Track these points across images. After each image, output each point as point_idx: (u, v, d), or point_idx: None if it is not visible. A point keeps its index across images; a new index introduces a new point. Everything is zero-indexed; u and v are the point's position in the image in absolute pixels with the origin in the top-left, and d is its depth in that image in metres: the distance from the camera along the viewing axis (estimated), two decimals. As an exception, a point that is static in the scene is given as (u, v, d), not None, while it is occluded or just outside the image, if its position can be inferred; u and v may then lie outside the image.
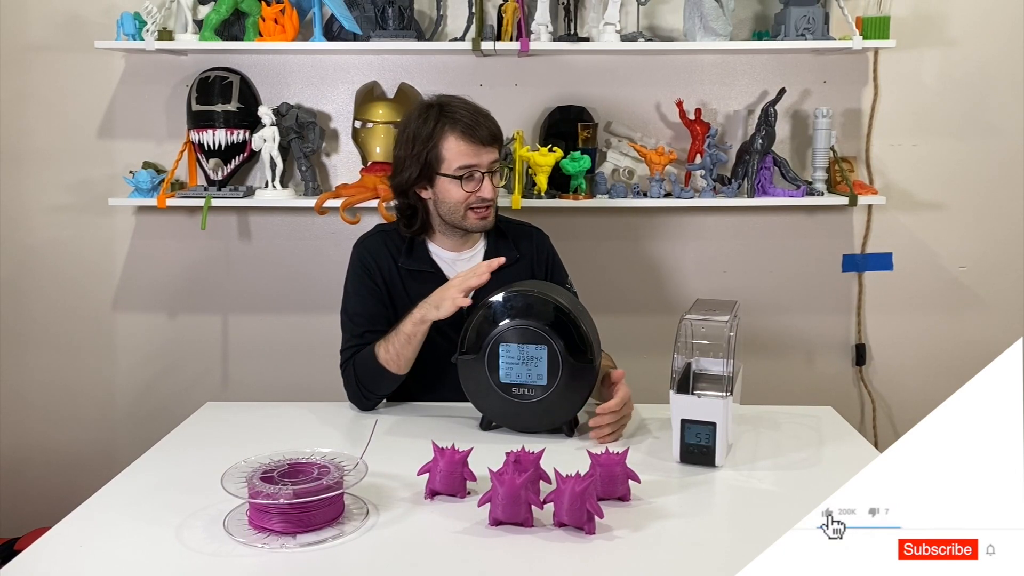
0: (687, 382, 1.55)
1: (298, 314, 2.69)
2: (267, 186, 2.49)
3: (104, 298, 2.69)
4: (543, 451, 1.38)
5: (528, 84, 2.59)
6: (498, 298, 1.67)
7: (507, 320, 1.65)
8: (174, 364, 2.71)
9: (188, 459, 1.61)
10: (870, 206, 2.63)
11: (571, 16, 2.46)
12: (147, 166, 2.54)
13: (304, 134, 2.52)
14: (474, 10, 2.46)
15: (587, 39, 2.45)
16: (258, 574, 1.21)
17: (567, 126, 2.51)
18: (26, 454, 2.72)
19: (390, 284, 1.91)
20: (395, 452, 1.59)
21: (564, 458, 1.44)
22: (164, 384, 2.71)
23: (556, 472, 1.32)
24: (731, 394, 1.53)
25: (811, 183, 2.53)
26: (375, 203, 2.38)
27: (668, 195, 2.50)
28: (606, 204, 2.49)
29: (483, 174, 1.85)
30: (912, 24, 2.56)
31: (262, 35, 2.42)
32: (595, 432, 1.65)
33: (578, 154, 2.43)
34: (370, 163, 2.48)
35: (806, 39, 2.39)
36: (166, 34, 2.41)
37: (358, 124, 2.48)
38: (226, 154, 2.49)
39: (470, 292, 1.72)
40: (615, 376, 1.72)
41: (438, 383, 1.87)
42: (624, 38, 2.41)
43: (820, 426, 1.79)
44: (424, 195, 1.90)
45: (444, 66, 2.58)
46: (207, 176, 2.53)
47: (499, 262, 1.76)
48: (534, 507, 1.31)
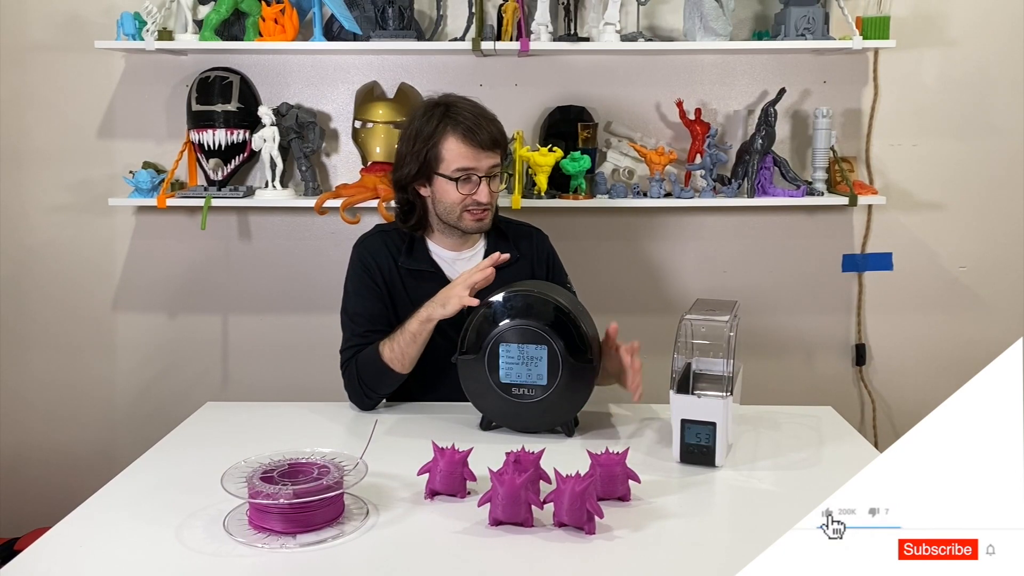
0: (687, 382, 1.55)
1: (298, 314, 2.69)
2: (267, 186, 2.49)
3: (104, 298, 2.69)
4: (543, 451, 1.39)
5: (528, 84, 2.59)
6: (498, 298, 1.67)
7: (507, 320, 1.65)
8: (174, 364, 2.71)
9: (188, 459, 1.61)
10: (870, 206, 2.63)
11: (571, 16, 2.46)
12: (147, 166, 2.54)
13: (304, 134, 2.52)
14: (474, 10, 2.46)
15: (587, 39, 2.45)
16: (258, 574, 1.21)
17: (567, 126, 2.51)
18: (26, 454, 2.73)
19: (390, 284, 1.91)
20: (395, 452, 1.59)
21: (564, 458, 1.44)
22: (164, 384, 2.71)
23: (556, 472, 1.32)
24: (731, 394, 1.53)
25: (811, 183, 2.53)
26: (375, 203, 2.39)
27: (668, 195, 2.50)
28: (606, 204, 2.49)
29: (480, 178, 1.85)
30: (912, 24, 2.56)
31: (262, 35, 2.42)
32: (636, 391, 1.69)
33: (578, 154, 2.42)
34: (370, 163, 2.48)
35: (806, 39, 2.39)
36: (166, 34, 2.41)
37: (358, 124, 2.48)
38: (226, 154, 2.49)
39: (475, 289, 1.73)
40: (612, 331, 1.73)
41: (438, 383, 1.88)
42: (624, 38, 2.41)
43: (820, 426, 1.79)
44: (423, 192, 1.90)
45: (444, 66, 2.58)
46: (207, 176, 2.53)
47: (504, 257, 1.76)
48: (534, 507, 1.32)
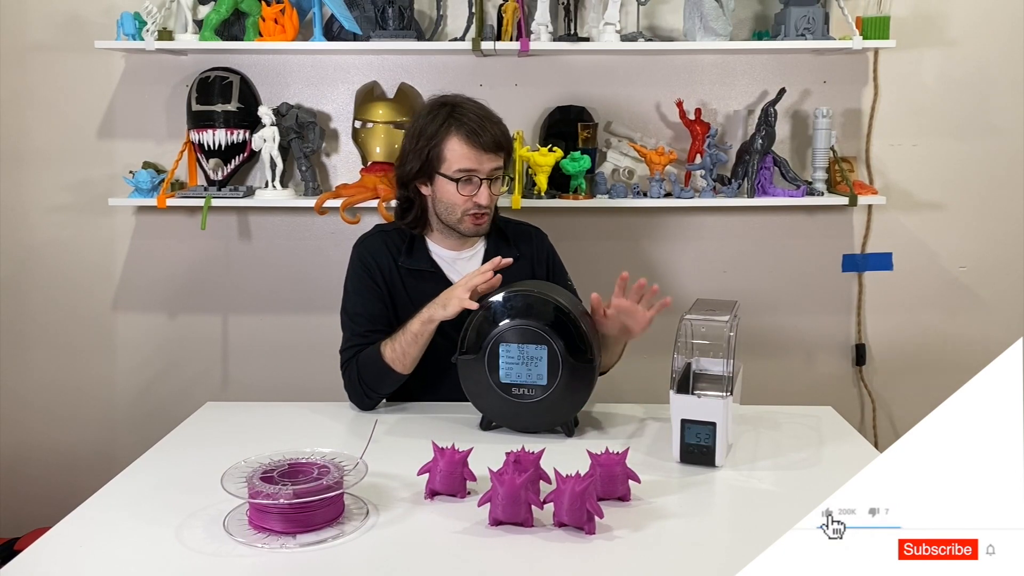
0: (687, 382, 1.55)
1: (298, 314, 2.69)
2: (267, 186, 2.49)
3: (104, 298, 2.69)
4: (543, 451, 1.39)
5: (528, 84, 2.59)
6: (498, 298, 1.67)
7: (507, 320, 1.65)
8: (174, 364, 2.71)
9: (188, 459, 1.61)
10: (870, 206, 2.63)
11: (571, 16, 2.46)
12: (147, 166, 2.54)
13: (304, 134, 2.52)
14: (474, 10, 2.46)
15: (587, 39, 2.45)
16: (258, 574, 1.21)
17: (567, 126, 2.51)
18: (26, 454, 2.72)
19: (390, 283, 1.91)
20: (395, 452, 1.59)
21: (564, 458, 1.44)
22: (164, 384, 2.71)
23: (556, 472, 1.32)
24: (731, 394, 1.53)
25: (811, 183, 2.52)
26: (375, 203, 2.39)
27: (668, 195, 2.50)
28: (606, 204, 2.49)
29: (481, 180, 1.85)
30: (912, 24, 2.56)
31: (262, 35, 2.42)
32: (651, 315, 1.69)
33: (578, 154, 2.42)
34: (370, 163, 2.47)
35: (806, 39, 2.39)
36: (166, 34, 2.41)
37: (358, 124, 2.48)
38: (226, 154, 2.49)
39: (477, 293, 1.72)
40: (596, 301, 1.72)
41: (438, 383, 1.87)
42: (624, 38, 2.41)
43: (820, 426, 1.79)
44: (424, 191, 1.91)
45: (444, 66, 2.58)
46: (207, 176, 2.53)
47: (506, 262, 1.76)
48: (534, 507, 1.32)
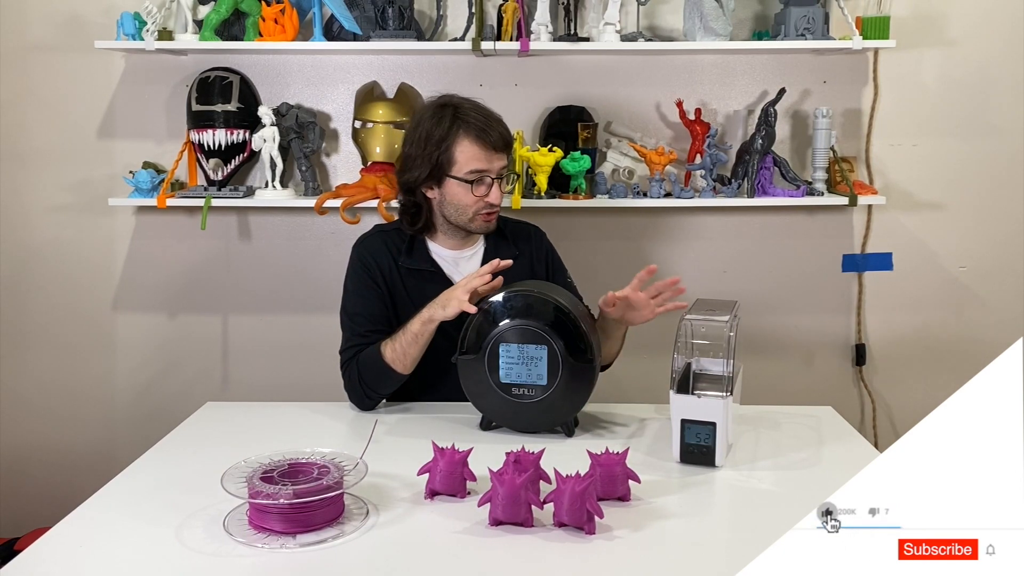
0: (687, 382, 1.55)
1: (298, 314, 2.69)
2: (267, 186, 2.49)
3: (104, 298, 2.69)
4: (543, 451, 1.39)
5: (528, 84, 2.59)
6: (498, 298, 1.67)
7: (507, 320, 1.65)
8: (174, 364, 2.71)
9: (188, 459, 1.61)
10: (870, 206, 2.63)
11: (571, 16, 2.46)
12: (147, 166, 2.54)
13: (304, 134, 2.52)
14: (474, 10, 2.46)
15: (587, 39, 2.45)
16: (258, 574, 1.21)
17: (567, 126, 2.51)
18: (26, 454, 2.72)
19: (390, 283, 1.91)
20: (395, 452, 1.59)
21: (564, 458, 1.44)
22: (164, 384, 2.71)
23: (556, 472, 1.32)
24: (731, 394, 1.53)
25: (811, 183, 2.52)
26: (375, 203, 2.38)
27: (668, 195, 2.50)
28: (606, 204, 2.49)
29: (492, 179, 1.85)
30: (912, 24, 2.56)
31: (262, 35, 2.42)
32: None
33: (578, 154, 2.42)
34: (370, 163, 2.47)
35: (806, 39, 2.39)
36: (166, 34, 2.41)
37: (358, 124, 2.48)
38: (226, 154, 2.49)
39: (477, 295, 1.72)
40: (609, 302, 1.77)
41: (438, 383, 1.87)
42: (624, 38, 2.41)
43: (820, 426, 1.79)
44: (430, 195, 1.90)
45: (444, 66, 2.58)
46: (207, 176, 2.53)
47: (506, 264, 1.76)
48: (534, 507, 1.32)
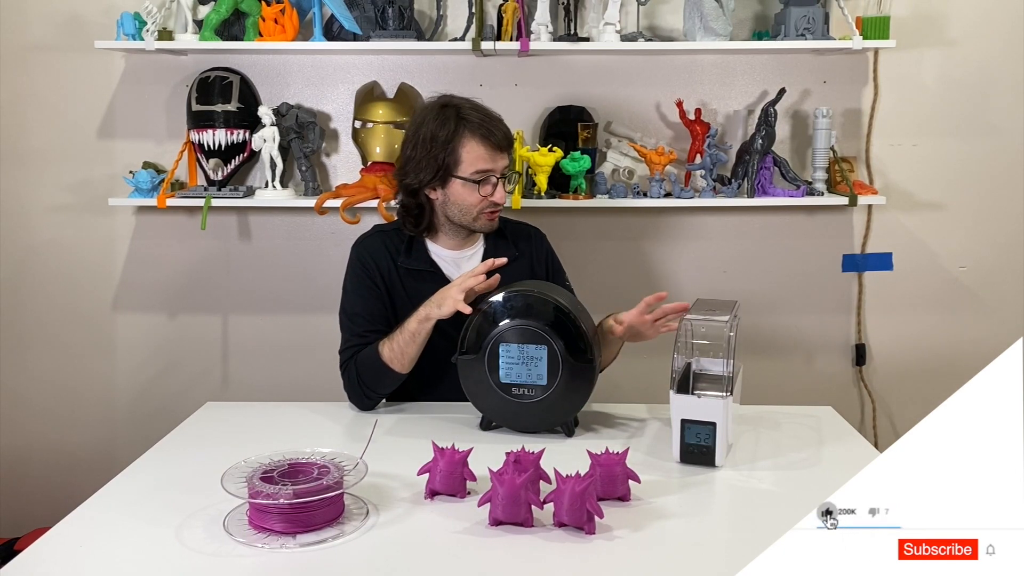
0: (687, 382, 1.55)
1: (298, 314, 2.69)
2: (267, 186, 2.49)
3: (104, 298, 2.69)
4: (543, 451, 1.39)
5: (528, 84, 2.59)
6: (498, 298, 1.67)
7: (507, 320, 1.65)
8: (174, 364, 2.71)
9: (188, 459, 1.61)
10: (870, 206, 2.63)
11: (571, 16, 2.46)
12: (147, 166, 2.54)
13: (304, 134, 2.52)
14: (474, 10, 2.46)
15: (587, 39, 2.45)
16: (258, 574, 1.21)
17: (567, 126, 2.51)
18: (26, 454, 2.72)
19: (389, 284, 1.91)
20: (395, 452, 1.59)
21: (564, 458, 1.44)
22: (164, 384, 2.71)
23: (556, 472, 1.32)
24: (731, 394, 1.53)
25: (811, 183, 2.52)
26: (375, 203, 2.38)
27: (668, 195, 2.50)
28: (606, 204, 2.49)
29: (497, 179, 1.86)
30: (912, 24, 2.56)
31: (262, 35, 2.42)
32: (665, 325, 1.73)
33: (578, 154, 2.42)
34: (370, 163, 2.47)
35: (806, 39, 2.39)
36: (166, 34, 2.41)
37: (358, 124, 2.48)
38: (226, 154, 2.49)
39: (472, 295, 1.72)
40: (619, 319, 1.77)
41: (438, 383, 1.88)
42: (624, 38, 2.41)
43: (820, 426, 1.79)
44: (432, 196, 1.90)
45: (444, 66, 2.58)
46: (207, 176, 2.53)
47: (500, 262, 1.76)
48: (534, 507, 1.32)
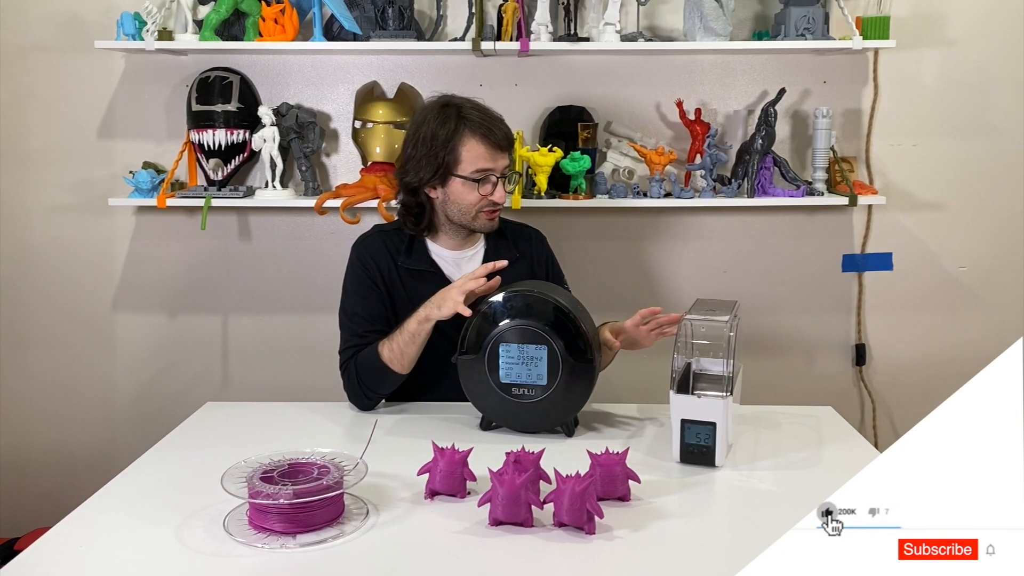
0: (687, 382, 1.55)
1: (298, 314, 2.69)
2: (267, 186, 2.49)
3: (104, 298, 2.69)
4: (543, 451, 1.39)
5: (528, 84, 2.59)
6: (498, 298, 1.67)
7: (507, 320, 1.65)
8: (174, 364, 2.71)
9: (188, 459, 1.61)
10: (870, 206, 2.63)
11: (571, 16, 2.46)
12: (147, 166, 2.54)
13: (304, 134, 2.52)
14: (474, 10, 2.46)
15: (587, 39, 2.45)
16: (258, 574, 1.21)
17: (567, 126, 2.51)
18: (26, 454, 2.72)
19: (389, 284, 1.91)
20: (395, 452, 1.59)
21: (564, 458, 1.44)
22: (164, 384, 2.71)
23: (556, 472, 1.32)
24: (731, 394, 1.53)
25: (811, 183, 2.52)
26: (375, 203, 2.39)
27: (668, 195, 2.50)
28: (606, 204, 2.49)
29: (497, 178, 1.86)
30: (912, 24, 2.56)
31: (262, 35, 2.42)
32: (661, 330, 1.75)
33: (578, 154, 2.42)
34: (370, 163, 2.47)
35: (806, 39, 2.39)
36: (166, 34, 2.41)
37: (358, 124, 2.48)
38: (226, 154, 2.49)
39: (472, 297, 1.72)
40: (616, 328, 1.80)
41: (438, 383, 1.88)
42: (624, 38, 2.41)
43: (820, 426, 1.79)
44: (432, 195, 1.90)
45: (444, 66, 2.58)
46: (207, 176, 2.53)
47: (501, 265, 1.76)
48: (534, 507, 1.32)
